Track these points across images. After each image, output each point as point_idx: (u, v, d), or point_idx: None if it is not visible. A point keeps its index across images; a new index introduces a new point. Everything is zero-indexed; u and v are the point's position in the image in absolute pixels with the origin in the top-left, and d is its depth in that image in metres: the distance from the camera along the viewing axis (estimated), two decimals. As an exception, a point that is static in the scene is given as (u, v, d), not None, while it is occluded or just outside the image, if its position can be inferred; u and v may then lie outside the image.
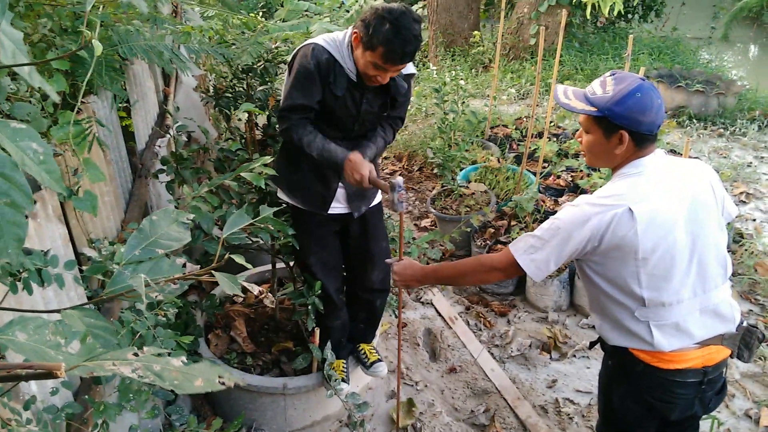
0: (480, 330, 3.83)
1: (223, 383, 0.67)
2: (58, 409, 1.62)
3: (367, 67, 2.19)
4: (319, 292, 2.67)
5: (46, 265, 1.16)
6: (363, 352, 2.99)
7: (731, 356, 1.93)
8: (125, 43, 1.90)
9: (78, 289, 1.91)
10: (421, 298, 4.13)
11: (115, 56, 1.92)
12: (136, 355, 0.69)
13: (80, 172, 1.69)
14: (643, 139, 1.80)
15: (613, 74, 1.84)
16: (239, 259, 1.04)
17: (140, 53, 1.93)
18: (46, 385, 1.68)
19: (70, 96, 1.80)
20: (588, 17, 8.10)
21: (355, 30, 2.18)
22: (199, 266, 2.45)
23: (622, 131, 1.79)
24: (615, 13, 7.43)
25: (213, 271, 0.91)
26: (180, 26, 2.24)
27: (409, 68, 2.41)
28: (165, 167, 2.70)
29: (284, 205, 2.59)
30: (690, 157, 4.92)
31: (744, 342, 1.90)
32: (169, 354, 0.69)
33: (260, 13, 3.49)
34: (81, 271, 1.91)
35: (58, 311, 0.91)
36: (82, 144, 1.65)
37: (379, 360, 2.96)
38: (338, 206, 2.56)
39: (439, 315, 3.97)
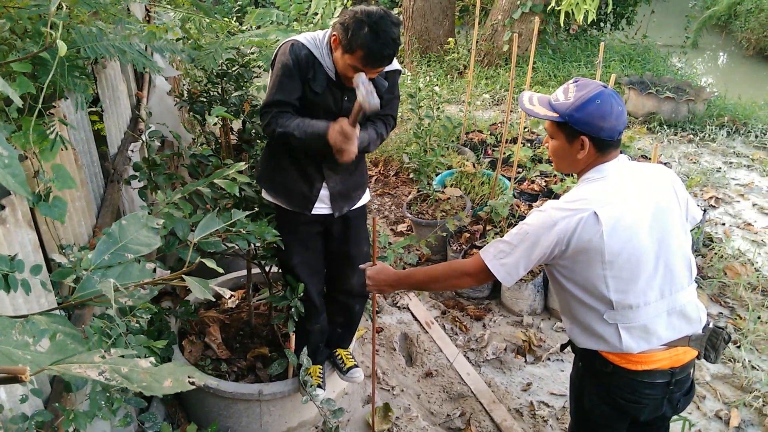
0: (456, 334, 3.85)
1: (192, 383, 0.66)
2: (28, 417, 1.59)
3: (346, 69, 2.20)
4: (302, 294, 2.66)
5: (12, 270, 1.14)
6: (339, 357, 2.98)
7: (698, 357, 1.97)
8: (86, 43, 1.88)
9: (49, 296, 1.88)
10: (397, 302, 4.13)
11: (79, 56, 1.89)
12: (103, 357, 0.68)
13: (42, 174, 1.65)
14: (604, 145, 1.85)
15: (576, 81, 1.88)
16: (210, 264, 1.03)
17: (103, 52, 1.92)
18: (15, 393, 1.65)
19: (33, 100, 1.77)
20: (561, 24, 8.20)
21: (333, 33, 2.19)
22: (170, 272, 2.42)
23: (583, 137, 1.83)
24: (588, 20, 7.54)
25: (184, 276, 0.91)
26: (144, 26, 2.21)
27: (394, 65, 2.41)
28: (137, 173, 2.68)
29: (257, 208, 2.57)
30: (660, 162, 5.01)
31: (710, 343, 1.94)
32: (137, 357, 0.68)
33: (234, 18, 3.48)
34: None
35: (26, 317, 0.90)
36: (45, 144, 1.62)
37: (356, 366, 2.95)
38: (321, 207, 2.55)
39: (416, 319, 3.97)
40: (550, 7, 8.09)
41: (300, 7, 3.03)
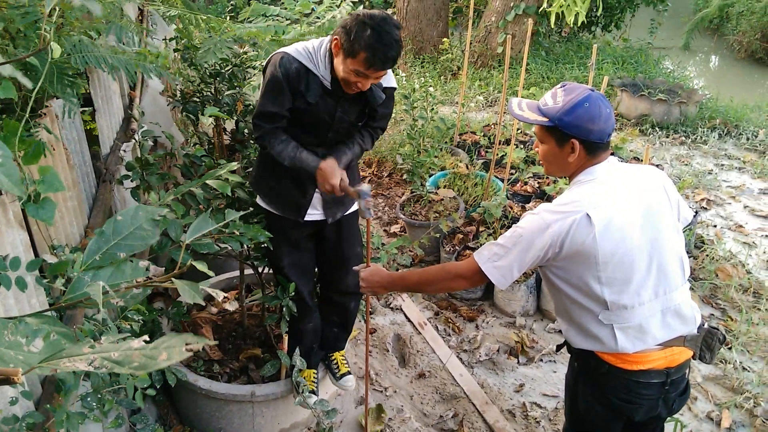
0: (449, 335, 3.85)
1: (190, 349, 0.64)
2: (18, 419, 1.58)
3: (348, 74, 2.16)
4: (293, 294, 2.66)
5: (6, 269, 1.13)
6: (335, 361, 2.98)
7: (693, 358, 1.98)
8: (78, 53, 1.88)
9: (40, 296, 1.87)
10: (390, 303, 4.13)
11: (68, 65, 1.89)
12: (92, 347, 0.66)
13: (26, 178, 1.62)
14: (594, 147, 1.87)
15: (563, 86, 1.90)
16: (201, 267, 1.02)
17: (92, 62, 1.92)
18: (6, 394, 1.64)
19: (23, 104, 1.76)
20: (552, 26, 8.22)
21: (335, 37, 2.16)
22: (164, 270, 2.41)
23: (573, 140, 1.86)
24: (578, 22, 7.56)
25: (174, 279, 0.89)
26: (138, 28, 2.20)
27: (391, 81, 2.41)
28: (130, 173, 2.66)
29: (252, 209, 2.57)
30: (652, 164, 5.03)
31: (705, 343, 1.95)
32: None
33: (228, 17, 3.47)
34: (43, 277, 1.87)
35: (16, 318, 0.89)
36: (26, 148, 1.60)
37: (349, 373, 2.95)
38: (314, 213, 2.55)
39: (409, 320, 3.97)
40: (541, 8, 8.11)
41: (306, 5, 3.00)
